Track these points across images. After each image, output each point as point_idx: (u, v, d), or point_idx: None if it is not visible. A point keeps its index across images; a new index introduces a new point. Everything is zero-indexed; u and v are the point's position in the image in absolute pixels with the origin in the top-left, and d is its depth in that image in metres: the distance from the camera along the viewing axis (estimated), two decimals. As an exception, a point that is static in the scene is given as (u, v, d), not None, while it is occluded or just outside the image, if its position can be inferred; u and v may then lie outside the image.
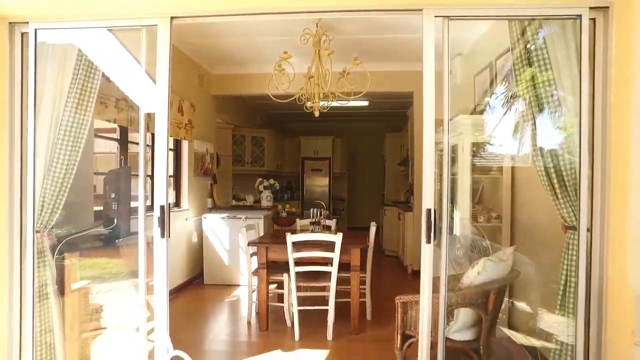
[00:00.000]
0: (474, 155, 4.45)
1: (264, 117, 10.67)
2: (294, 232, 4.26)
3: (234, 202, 7.61)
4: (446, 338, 2.77)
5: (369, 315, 4.77)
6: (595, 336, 2.51)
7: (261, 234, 5.67)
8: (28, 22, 2.74)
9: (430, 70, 2.57)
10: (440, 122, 2.62)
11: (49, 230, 2.87)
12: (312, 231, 4.69)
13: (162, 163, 2.74)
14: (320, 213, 4.94)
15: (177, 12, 2.68)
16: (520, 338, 3.61)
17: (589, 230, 2.51)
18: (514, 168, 4.15)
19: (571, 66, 2.56)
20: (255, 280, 4.57)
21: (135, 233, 2.91)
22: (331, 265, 4.14)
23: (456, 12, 2.57)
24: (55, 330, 2.89)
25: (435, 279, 2.64)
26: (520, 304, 3.80)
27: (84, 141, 2.89)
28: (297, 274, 4.20)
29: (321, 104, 4.50)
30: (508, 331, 3.81)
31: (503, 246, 3.94)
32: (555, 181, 2.61)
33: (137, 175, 2.89)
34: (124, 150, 4.84)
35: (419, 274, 2.69)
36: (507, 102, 4.10)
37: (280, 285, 4.64)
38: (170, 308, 2.81)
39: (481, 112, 4.76)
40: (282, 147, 11.05)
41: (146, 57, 2.81)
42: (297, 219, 5.91)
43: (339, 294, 4.31)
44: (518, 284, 3.74)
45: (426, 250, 2.60)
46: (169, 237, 2.75)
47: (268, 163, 9.88)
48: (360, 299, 4.42)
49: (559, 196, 2.60)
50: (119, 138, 4.79)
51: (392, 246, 8.46)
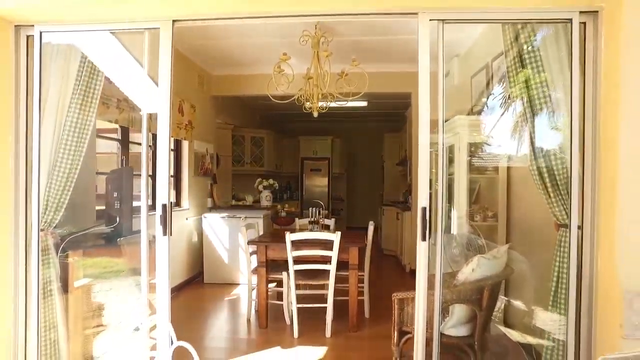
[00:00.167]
0: (471, 156, 4.50)
1: (264, 118, 10.71)
2: (293, 231, 4.32)
3: (233, 202, 7.64)
4: (441, 334, 2.83)
5: (367, 313, 4.83)
6: (586, 331, 2.56)
7: (261, 233, 5.72)
8: (33, 25, 2.80)
9: (425, 72, 2.63)
10: (437, 123, 2.69)
11: (52, 229, 2.93)
12: (311, 230, 4.75)
13: (165, 163, 2.80)
14: (319, 212, 5.00)
15: (179, 16, 2.75)
16: (514, 335, 3.67)
17: (580, 228, 2.57)
18: (509, 168, 4.20)
19: (563, 68, 2.62)
20: (254, 279, 4.62)
21: (137, 232, 2.96)
22: (330, 264, 4.19)
23: (450, 16, 2.63)
24: (59, 326, 2.95)
25: (431, 276, 2.70)
26: (514, 301, 3.86)
27: (88, 141, 2.95)
28: (296, 272, 4.25)
29: (320, 104, 4.55)
30: (503, 328, 3.87)
31: (499, 244, 3.99)
32: (547, 180, 2.67)
33: (139, 175, 2.94)
34: (125, 150, 4.90)
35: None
36: (504, 103, 4.16)
37: (280, 283, 4.69)
38: (171, 306, 2.85)
39: (478, 113, 4.81)
40: (282, 148, 11.08)
41: (149, 60, 2.87)
42: (296, 219, 5.95)
43: (337, 292, 4.36)
44: (513, 282, 3.80)
45: (421, 248, 2.66)
46: (171, 235, 2.82)
47: (267, 163, 9.91)
48: (359, 297, 4.48)
49: (551, 195, 2.66)
50: (120, 138, 4.85)
51: (391, 246, 8.51)
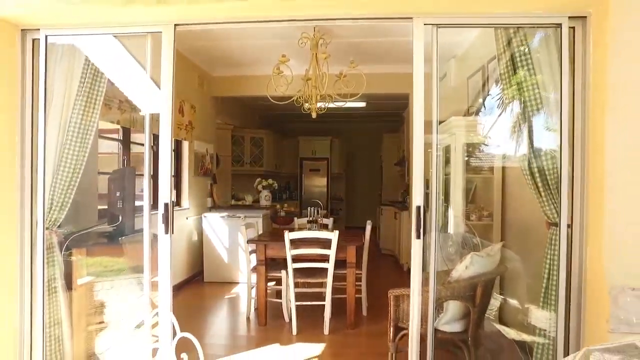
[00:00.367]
0: (467, 156, 4.57)
1: (263, 118, 10.77)
2: (291, 230, 4.37)
3: (233, 202, 7.70)
4: (436, 330, 2.91)
5: (364, 311, 4.90)
6: (575, 327, 2.64)
7: (260, 232, 5.78)
8: (39, 29, 2.87)
9: (420, 74, 2.72)
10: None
11: (56, 227, 3.00)
12: (310, 229, 4.82)
13: (167, 163, 2.88)
14: (318, 212, 5.07)
15: (181, 20, 2.82)
16: (508, 331, 3.74)
17: (569, 226, 2.65)
18: (504, 168, 4.27)
19: (554, 71, 2.69)
20: (254, 277, 4.68)
21: (138, 231, 3.03)
22: (328, 262, 4.26)
23: (444, 21, 2.71)
24: (63, 322, 3.02)
25: (426, 274, 2.78)
26: (507, 298, 3.93)
27: (91, 142, 3.03)
28: (295, 271, 4.31)
29: (318, 105, 4.61)
30: (497, 325, 3.94)
31: (493, 243, 4.06)
32: (538, 180, 2.74)
33: (141, 175, 3.01)
34: (126, 150, 4.97)
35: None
36: (499, 105, 4.23)
37: (279, 281, 4.74)
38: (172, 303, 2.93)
39: (474, 114, 4.88)
40: (281, 148, 11.13)
41: (151, 62, 2.95)
42: (295, 218, 6.00)
43: (335, 290, 4.43)
44: (506, 279, 3.87)
45: (416, 246, 2.74)
46: (172, 234, 2.89)
47: (267, 163, 9.96)
48: (356, 295, 4.55)
49: (543, 194, 2.74)
50: (121, 139, 4.92)
51: (389, 245, 8.56)
